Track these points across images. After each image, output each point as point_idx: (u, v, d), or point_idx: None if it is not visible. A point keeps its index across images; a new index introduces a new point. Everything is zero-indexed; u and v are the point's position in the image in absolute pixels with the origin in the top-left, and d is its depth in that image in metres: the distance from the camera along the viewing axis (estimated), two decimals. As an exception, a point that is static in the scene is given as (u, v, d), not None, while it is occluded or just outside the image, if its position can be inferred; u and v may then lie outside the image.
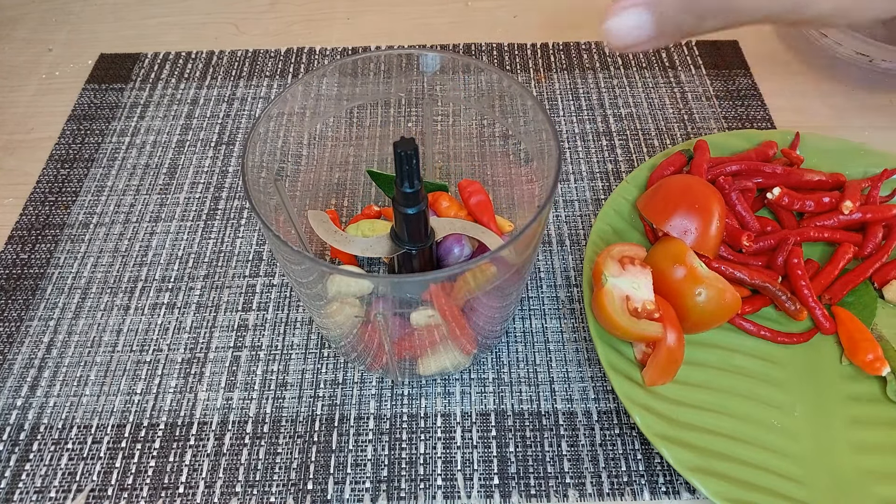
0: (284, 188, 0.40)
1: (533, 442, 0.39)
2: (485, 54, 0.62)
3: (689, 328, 0.39)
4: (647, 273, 0.39)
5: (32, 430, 0.40)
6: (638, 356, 0.39)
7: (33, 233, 0.49)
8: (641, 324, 0.37)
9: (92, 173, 0.53)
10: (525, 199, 0.42)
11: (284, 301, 0.46)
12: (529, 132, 0.38)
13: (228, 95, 0.59)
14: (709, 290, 0.38)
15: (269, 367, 0.43)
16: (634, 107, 0.57)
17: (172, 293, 0.46)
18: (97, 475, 0.38)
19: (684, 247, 0.39)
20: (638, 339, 0.38)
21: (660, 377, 0.37)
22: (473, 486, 0.38)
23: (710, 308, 0.38)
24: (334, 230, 0.39)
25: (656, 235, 0.44)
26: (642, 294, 0.38)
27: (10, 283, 0.47)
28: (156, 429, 0.40)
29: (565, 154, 0.54)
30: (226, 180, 0.53)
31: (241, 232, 0.49)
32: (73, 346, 0.44)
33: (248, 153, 0.33)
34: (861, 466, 0.37)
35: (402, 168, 0.33)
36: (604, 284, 0.38)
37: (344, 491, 0.38)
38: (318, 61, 0.62)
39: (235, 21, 0.66)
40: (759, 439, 0.38)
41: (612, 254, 0.40)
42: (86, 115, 0.57)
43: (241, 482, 0.38)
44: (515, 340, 0.44)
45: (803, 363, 0.41)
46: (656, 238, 0.44)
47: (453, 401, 0.41)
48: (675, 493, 0.37)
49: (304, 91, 0.38)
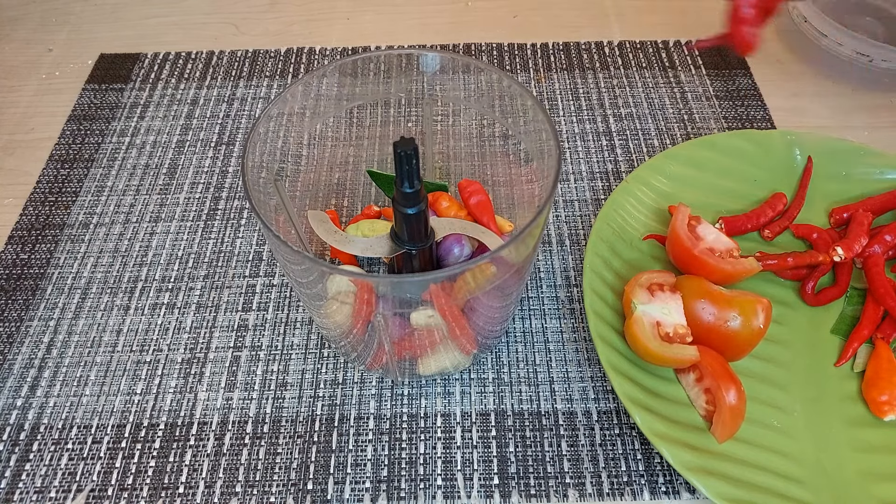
0: (284, 188, 0.40)
1: (533, 442, 0.39)
2: (485, 54, 0.62)
3: (734, 356, 0.39)
4: (677, 298, 0.39)
5: (32, 430, 0.40)
6: (701, 413, 0.38)
7: (33, 233, 0.49)
8: (675, 348, 0.37)
9: (92, 173, 0.53)
10: (525, 199, 0.42)
11: (284, 301, 0.46)
12: (529, 132, 0.38)
13: (228, 95, 0.59)
14: (739, 309, 0.38)
15: (269, 367, 0.43)
16: (634, 107, 0.57)
17: (172, 293, 0.46)
18: (97, 475, 0.38)
19: (702, 280, 0.40)
20: (672, 363, 0.38)
21: (728, 433, 0.36)
22: (473, 486, 0.38)
23: (746, 325, 0.38)
24: (334, 230, 0.39)
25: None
26: (673, 318, 0.38)
27: (10, 283, 0.47)
28: (156, 429, 0.40)
29: (565, 154, 0.54)
30: (226, 180, 0.53)
31: (241, 232, 0.49)
32: (73, 346, 0.44)
33: (248, 153, 0.33)
34: (861, 466, 0.37)
35: (402, 168, 0.33)
36: (633, 312, 0.38)
37: (344, 491, 0.38)
38: (318, 61, 0.62)
39: (235, 21, 0.66)
40: (759, 439, 0.38)
41: (641, 281, 0.40)
42: (86, 116, 0.57)
43: (241, 482, 0.38)
44: (515, 340, 0.44)
45: (803, 364, 0.41)
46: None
47: (453, 401, 0.41)
48: (675, 493, 0.37)
49: (304, 91, 0.38)
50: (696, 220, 0.43)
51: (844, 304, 0.44)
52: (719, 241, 0.42)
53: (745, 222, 0.46)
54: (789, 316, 0.43)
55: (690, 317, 0.39)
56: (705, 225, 0.43)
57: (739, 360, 0.40)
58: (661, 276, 0.40)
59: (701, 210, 0.47)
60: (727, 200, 0.48)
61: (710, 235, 0.43)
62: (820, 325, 0.43)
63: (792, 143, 0.50)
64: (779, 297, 0.44)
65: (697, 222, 0.43)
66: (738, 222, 0.46)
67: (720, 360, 0.37)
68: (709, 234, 0.43)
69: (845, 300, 0.44)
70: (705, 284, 0.39)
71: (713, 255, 0.41)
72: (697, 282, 0.40)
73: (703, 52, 0.61)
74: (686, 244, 0.41)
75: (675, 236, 0.42)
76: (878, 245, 0.44)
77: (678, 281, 0.40)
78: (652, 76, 0.60)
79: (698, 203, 0.48)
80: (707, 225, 0.43)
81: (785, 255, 0.43)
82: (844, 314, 0.43)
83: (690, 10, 0.67)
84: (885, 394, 0.39)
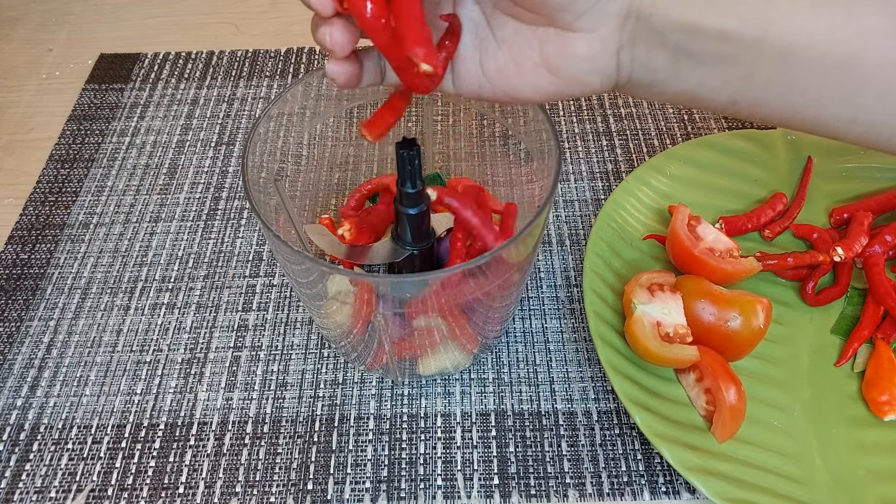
0: (284, 188, 0.40)
1: (533, 442, 0.39)
2: (485, 54, 0.62)
3: (734, 356, 0.39)
4: (677, 298, 0.39)
5: (32, 430, 0.40)
6: (701, 413, 0.38)
7: (33, 233, 0.49)
8: (675, 348, 0.37)
9: (92, 173, 0.53)
10: (525, 199, 0.42)
11: (284, 301, 0.46)
12: (529, 132, 0.38)
13: (228, 95, 0.59)
14: (739, 309, 0.38)
15: (269, 368, 0.43)
16: (634, 107, 0.57)
17: (172, 293, 0.46)
18: (97, 475, 0.38)
19: (702, 280, 0.40)
20: (673, 363, 0.38)
21: (728, 433, 0.36)
22: (473, 486, 0.38)
23: (746, 325, 0.38)
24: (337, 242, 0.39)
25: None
26: (673, 319, 0.38)
27: (10, 283, 0.47)
28: (156, 429, 0.40)
29: (565, 154, 0.54)
30: (226, 180, 0.53)
31: (241, 232, 0.49)
32: (73, 346, 0.44)
33: (248, 153, 0.33)
34: (861, 466, 0.37)
35: (405, 168, 0.33)
36: (634, 312, 0.38)
37: (344, 491, 0.38)
38: (318, 61, 0.62)
39: (235, 21, 0.66)
40: (760, 439, 0.38)
41: (641, 281, 0.40)
42: (86, 116, 0.57)
43: (241, 482, 0.38)
44: (515, 340, 0.44)
45: (804, 364, 0.41)
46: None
47: (453, 401, 0.41)
48: (675, 493, 0.37)
49: (304, 91, 0.38)
50: (696, 219, 0.43)
51: (844, 304, 0.44)
52: (719, 241, 0.42)
53: (745, 222, 0.46)
54: (789, 316, 0.43)
55: (690, 317, 0.39)
56: (705, 225, 0.43)
57: (739, 360, 0.40)
58: (661, 276, 0.40)
59: (701, 210, 0.47)
60: (727, 200, 0.48)
61: (710, 235, 0.43)
62: (820, 325, 0.43)
63: (792, 142, 0.50)
64: (779, 297, 0.44)
65: (697, 222, 0.43)
66: (738, 222, 0.46)
67: (720, 360, 0.37)
68: (709, 234, 0.43)
69: (845, 300, 0.44)
70: (705, 284, 0.39)
71: (713, 255, 0.41)
72: (697, 282, 0.40)
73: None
74: (686, 244, 0.41)
75: (675, 236, 0.42)
76: (879, 245, 0.44)
77: (678, 281, 0.40)
78: (652, 76, 0.60)
79: (698, 203, 0.48)
80: (707, 225, 0.43)
81: (785, 255, 0.43)
82: (844, 314, 0.43)
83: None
84: (885, 394, 0.39)
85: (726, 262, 0.41)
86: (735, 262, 0.41)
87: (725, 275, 0.40)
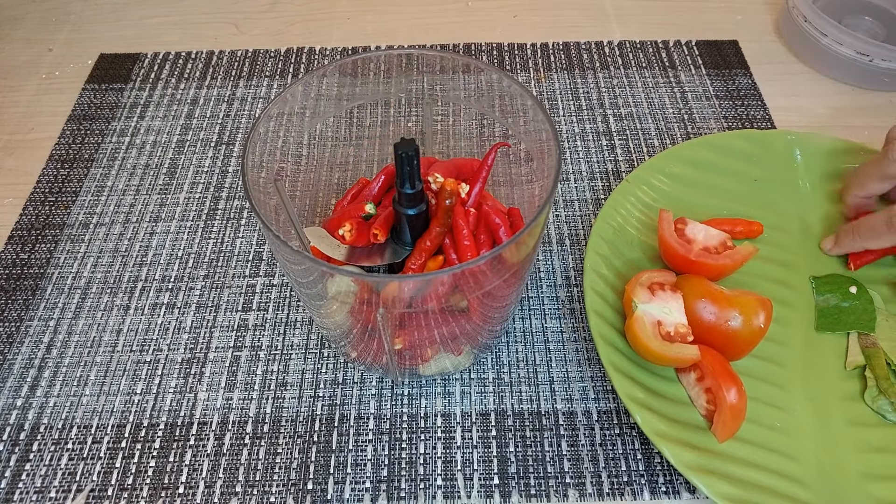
0: (284, 188, 0.40)
1: (533, 442, 0.39)
2: (485, 54, 0.62)
3: (735, 355, 0.39)
4: (677, 297, 0.39)
5: (32, 430, 0.40)
6: (702, 412, 0.38)
7: (33, 233, 0.49)
8: (675, 347, 0.37)
9: (92, 173, 0.53)
10: (525, 199, 0.42)
11: (284, 301, 0.46)
12: (529, 132, 0.38)
13: (228, 95, 0.59)
14: (740, 308, 0.38)
15: (269, 367, 0.43)
16: (634, 107, 0.57)
17: (172, 293, 0.46)
18: (97, 475, 0.38)
19: (703, 279, 0.40)
20: (673, 363, 0.38)
21: (729, 433, 0.36)
22: (473, 486, 0.38)
23: (747, 324, 0.38)
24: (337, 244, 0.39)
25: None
26: (674, 318, 0.38)
27: (10, 283, 0.47)
28: (156, 429, 0.40)
29: (565, 154, 0.54)
30: (226, 180, 0.53)
31: (241, 232, 0.49)
32: (73, 346, 0.44)
33: (248, 153, 0.33)
34: (861, 466, 0.37)
35: (403, 169, 0.33)
36: (634, 311, 0.38)
37: (344, 491, 0.38)
38: (318, 61, 0.62)
39: (235, 21, 0.66)
40: (760, 439, 0.38)
41: (642, 281, 0.40)
42: (86, 115, 0.57)
43: (241, 482, 0.38)
44: (515, 340, 0.44)
45: (804, 363, 0.41)
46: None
47: (453, 401, 0.41)
48: (675, 492, 0.37)
49: (304, 91, 0.38)
50: (681, 222, 0.43)
51: (814, 295, 0.44)
52: (710, 236, 0.42)
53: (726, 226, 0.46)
54: (790, 316, 0.43)
55: (691, 316, 0.39)
56: (692, 224, 0.43)
57: (740, 359, 0.40)
58: (661, 276, 0.40)
59: (701, 210, 0.47)
60: (727, 200, 0.48)
61: (699, 234, 0.42)
62: (820, 324, 0.43)
63: (792, 143, 0.50)
64: (779, 296, 0.44)
65: (684, 224, 0.43)
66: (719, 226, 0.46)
67: (721, 360, 0.37)
68: (698, 233, 0.42)
69: (813, 291, 0.44)
70: (706, 284, 0.39)
71: (710, 255, 0.41)
72: (698, 281, 0.40)
73: (703, 52, 0.61)
74: (680, 252, 0.41)
75: (667, 246, 0.42)
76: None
77: (679, 280, 0.40)
78: (652, 76, 0.60)
79: (698, 203, 0.48)
80: (694, 224, 0.43)
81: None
82: (818, 307, 0.44)
83: (690, 10, 0.67)
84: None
85: (724, 256, 0.41)
86: (733, 254, 0.41)
87: (726, 269, 0.41)
